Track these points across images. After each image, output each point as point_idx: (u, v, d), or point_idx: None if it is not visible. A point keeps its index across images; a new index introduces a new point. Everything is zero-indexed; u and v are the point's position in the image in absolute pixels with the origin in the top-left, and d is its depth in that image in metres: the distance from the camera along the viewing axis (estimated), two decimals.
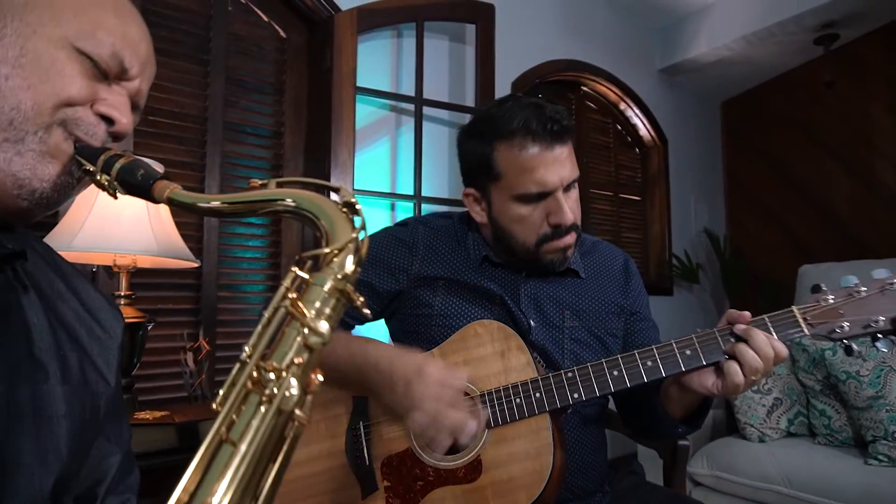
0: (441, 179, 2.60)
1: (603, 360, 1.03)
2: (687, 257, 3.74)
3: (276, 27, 2.28)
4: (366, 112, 2.39)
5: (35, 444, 0.57)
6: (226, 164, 2.10)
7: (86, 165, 0.58)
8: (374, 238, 1.23)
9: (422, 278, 1.18)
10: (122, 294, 1.51)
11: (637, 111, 3.63)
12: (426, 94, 2.44)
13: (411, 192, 2.39)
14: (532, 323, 1.16)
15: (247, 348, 0.47)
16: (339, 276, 0.48)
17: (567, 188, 1.12)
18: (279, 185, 0.55)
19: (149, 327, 1.54)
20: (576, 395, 1.02)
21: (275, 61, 2.28)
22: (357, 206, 0.53)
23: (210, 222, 2.04)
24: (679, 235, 3.82)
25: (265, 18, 2.25)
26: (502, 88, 2.75)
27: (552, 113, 1.08)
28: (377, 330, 1.35)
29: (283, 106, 2.28)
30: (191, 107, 2.03)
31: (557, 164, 1.09)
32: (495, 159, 1.11)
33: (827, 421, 2.03)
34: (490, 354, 1.07)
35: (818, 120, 3.82)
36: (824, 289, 0.97)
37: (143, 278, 1.80)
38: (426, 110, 2.47)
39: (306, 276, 0.48)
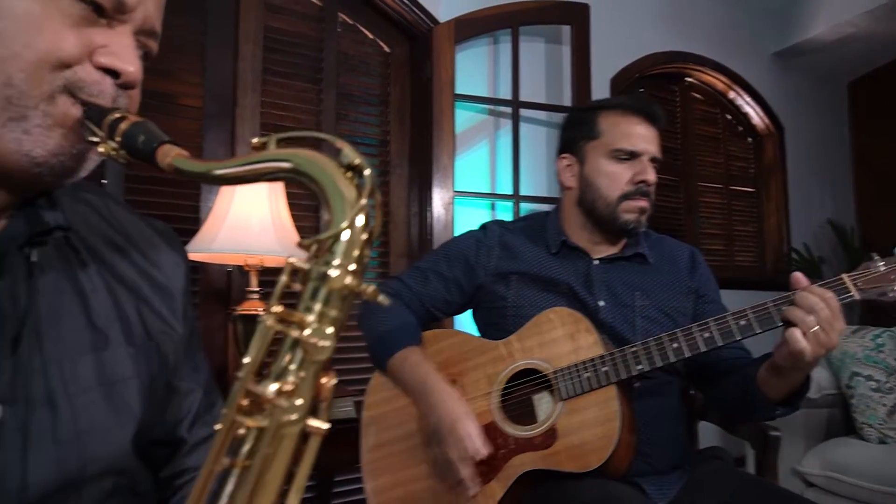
0: (539, 178, 2.67)
1: (663, 335, 1.14)
2: (807, 250, 3.53)
3: (381, 43, 2.46)
4: (465, 117, 2.52)
5: (107, 410, 0.58)
6: None
7: (94, 132, 0.51)
8: (457, 240, 1.42)
9: (497, 274, 1.33)
10: (253, 290, 1.74)
11: (748, 99, 3.48)
12: (523, 97, 2.52)
13: (510, 192, 2.48)
14: (601, 303, 1.28)
15: (245, 361, 0.42)
16: (344, 266, 0.41)
17: (652, 163, 1.30)
18: (280, 141, 0.46)
19: None
20: (639, 367, 1.13)
21: (380, 75, 2.47)
22: (363, 169, 0.44)
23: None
24: (799, 228, 3.61)
25: (370, 36, 2.43)
26: (600, 86, 2.76)
27: (651, 105, 1.33)
28: (465, 321, 1.47)
29: (388, 116, 2.46)
30: (306, 122, 2.25)
31: (649, 138, 1.30)
32: (598, 122, 1.32)
33: None
34: (561, 337, 1.20)
35: None
36: (876, 258, 1.05)
37: (273, 276, 2.04)
38: (523, 112, 2.54)
39: (307, 267, 0.41)
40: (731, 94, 3.48)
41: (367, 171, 0.43)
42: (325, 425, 0.40)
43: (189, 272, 0.73)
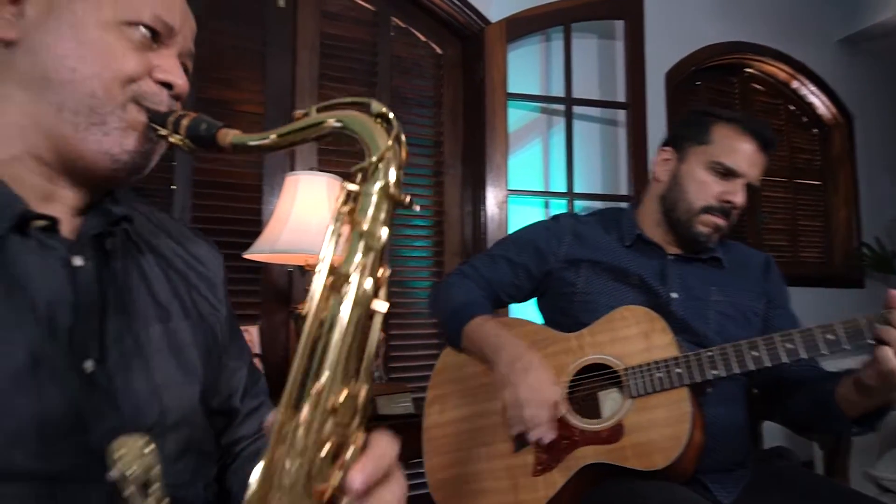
0: (594, 176, 2.64)
1: (742, 341, 1.10)
2: (880, 245, 3.36)
3: (433, 45, 2.49)
4: (518, 115, 2.52)
5: (177, 368, 0.70)
6: None
7: (159, 130, 0.64)
8: (527, 228, 1.44)
9: (568, 261, 1.35)
10: None
11: (813, 88, 3.35)
12: (576, 94, 2.50)
13: (564, 190, 2.47)
14: (674, 295, 1.27)
15: (321, 260, 0.53)
16: (384, 183, 0.54)
17: (746, 187, 1.28)
18: (320, 110, 0.58)
19: None
20: (714, 372, 1.10)
21: (433, 76, 2.50)
22: (390, 116, 0.57)
23: None
24: (870, 221, 3.44)
25: (423, 38, 2.47)
26: (655, 81, 2.72)
27: (769, 130, 1.30)
28: (526, 310, 1.47)
29: (441, 117, 2.49)
30: None
31: (754, 163, 1.28)
32: (712, 129, 1.30)
33: None
34: (635, 335, 1.19)
35: None
36: None
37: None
38: (576, 109, 2.53)
39: (356, 188, 0.54)
40: (795, 84, 3.36)
41: (391, 116, 0.57)
42: (385, 305, 0.53)
43: (224, 265, 0.87)
